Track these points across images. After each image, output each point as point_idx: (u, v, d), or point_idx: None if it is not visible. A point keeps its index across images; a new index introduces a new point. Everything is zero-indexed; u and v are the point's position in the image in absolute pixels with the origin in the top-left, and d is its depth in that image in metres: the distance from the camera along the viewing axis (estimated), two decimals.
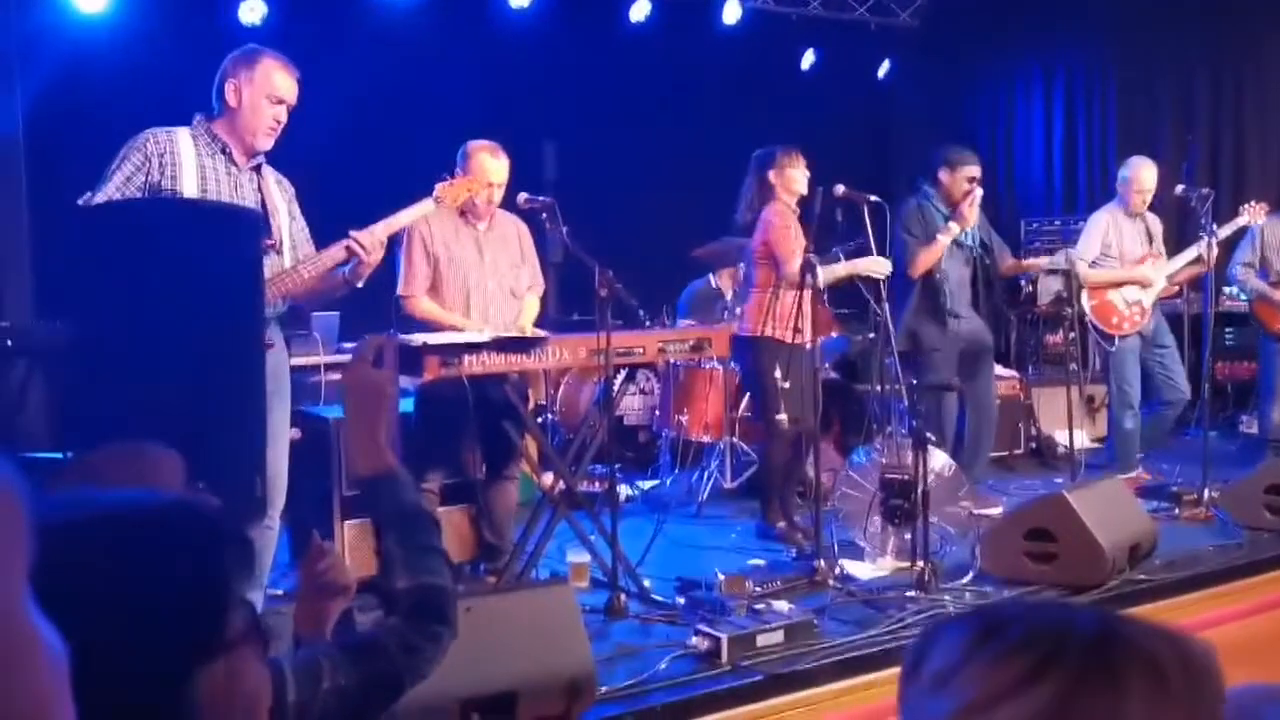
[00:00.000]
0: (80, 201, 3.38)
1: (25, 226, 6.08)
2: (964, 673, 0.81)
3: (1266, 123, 8.63)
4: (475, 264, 4.68)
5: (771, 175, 5.42)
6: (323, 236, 4.61)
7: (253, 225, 3.11)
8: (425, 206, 4.09)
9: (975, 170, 5.91)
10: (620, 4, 8.39)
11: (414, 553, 1.60)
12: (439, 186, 4.16)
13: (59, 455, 3.05)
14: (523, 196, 4.68)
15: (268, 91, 3.58)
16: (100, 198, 3.36)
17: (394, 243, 4.72)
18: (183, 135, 3.54)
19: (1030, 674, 0.79)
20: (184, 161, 3.47)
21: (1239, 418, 7.79)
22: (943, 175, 5.91)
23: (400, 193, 4.16)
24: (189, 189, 3.46)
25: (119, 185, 3.41)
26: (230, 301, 2.86)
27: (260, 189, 3.67)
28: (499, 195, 4.69)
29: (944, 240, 5.75)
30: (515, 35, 8.03)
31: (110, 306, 2.69)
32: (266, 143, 3.63)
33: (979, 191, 5.86)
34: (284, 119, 3.65)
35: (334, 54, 7.36)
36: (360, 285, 3.86)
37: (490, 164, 4.64)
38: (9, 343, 4.43)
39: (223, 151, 3.57)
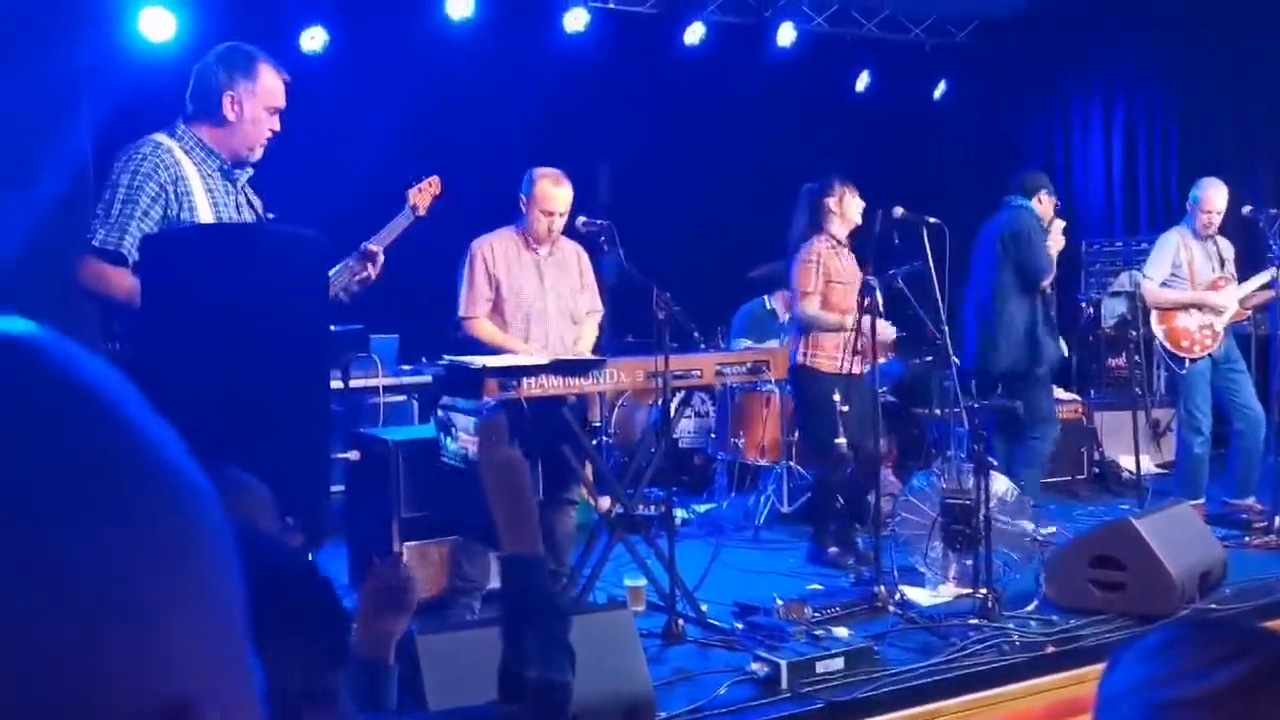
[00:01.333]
0: (95, 242, 3.13)
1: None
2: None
3: None
4: (536, 288, 4.70)
5: (830, 202, 5.42)
6: (386, 256, 4.66)
7: (320, 251, 3.12)
8: (405, 218, 4.00)
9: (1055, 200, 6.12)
10: (675, 28, 8.43)
11: (550, 647, 1.60)
12: (410, 193, 4.09)
13: None
14: (581, 220, 4.71)
15: (269, 103, 3.31)
16: (128, 241, 3.09)
17: (457, 264, 4.78)
18: (179, 155, 3.21)
19: None
20: (194, 188, 3.19)
21: None
22: (1043, 196, 6.02)
23: (459, 212, 4.19)
24: (204, 218, 3.20)
25: (138, 221, 3.10)
26: (297, 326, 2.88)
27: (250, 204, 3.44)
28: (560, 223, 4.70)
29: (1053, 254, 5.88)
30: (572, 59, 8.09)
31: (179, 335, 2.73)
32: (260, 154, 3.36)
33: (1062, 223, 6.01)
34: (278, 127, 3.37)
35: (393, 80, 7.48)
36: (346, 299, 3.68)
37: (553, 191, 4.65)
38: None
39: (220, 169, 3.29)
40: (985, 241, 5.96)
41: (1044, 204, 5.99)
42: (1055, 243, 5.89)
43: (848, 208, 5.42)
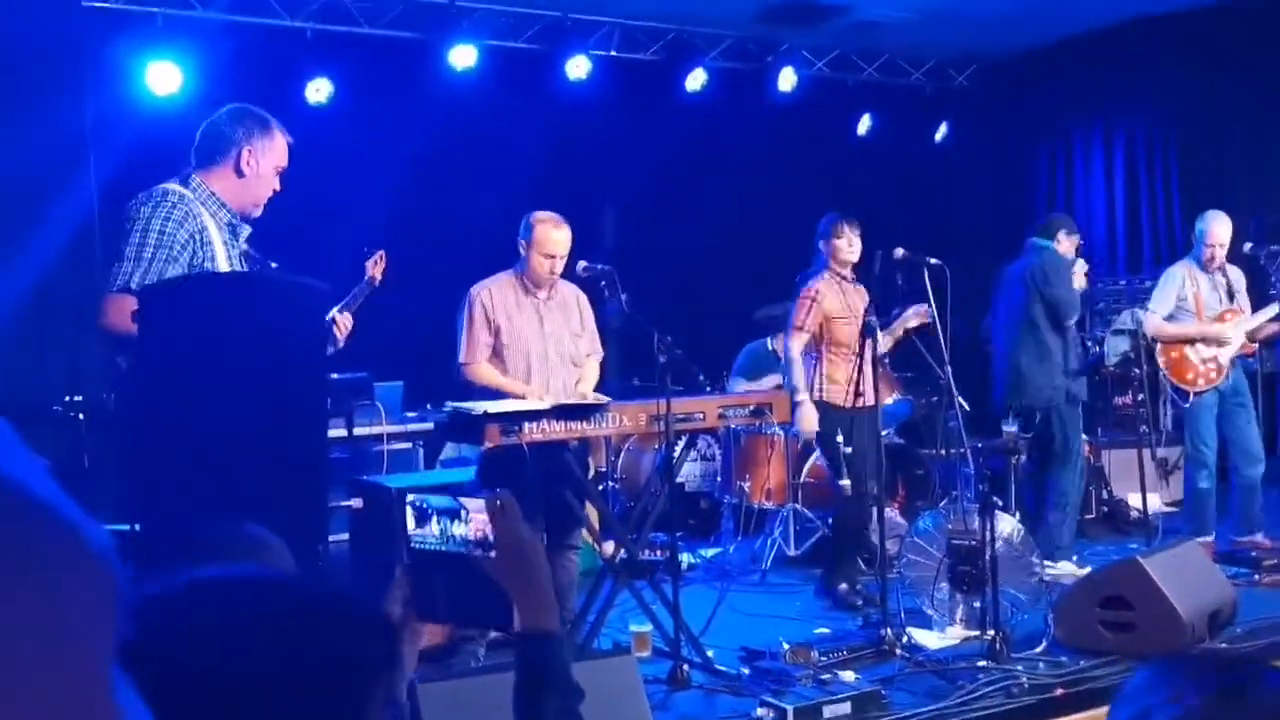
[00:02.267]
0: (120, 280, 3.17)
1: (99, 305, 6.24)
2: None
3: None
4: (536, 332, 4.71)
5: (833, 244, 5.47)
6: (387, 303, 4.70)
7: (320, 299, 3.14)
8: (365, 289, 4.23)
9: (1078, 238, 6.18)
10: (677, 74, 8.51)
11: None
12: (368, 264, 4.34)
13: (125, 528, 3.09)
14: (582, 264, 4.72)
15: (277, 163, 3.41)
16: (153, 278, 3.12)
17: (455, 310, 4.80)
18: (198, 206, 3.27)
19: None
20: (213, 239, 3.26)
21: None
22: (1062, 236, 6.06)
23: (463, 261, 4.22)
24: (222, 270, 3.27)
25: (171, 266, 3.15)
26: (297, 374, 2.89)
27: (248, 257, 3.48)
28: (560, 266, 4.72)
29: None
30: (574, 106, 8.17)
31: (180, 380, 2.74)
32: (260, 211, 3.44)
33: (1083, 262, 6.08)
34: (279, 187, 3.46)
35: (397, 130, 7.55)
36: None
37: (553, 235, 4.68)
38: (80, 416, 4.53)
39: (228, 224, 3.35)
40: (1009, 282, 6.03)
41: (1064, 244, 6.06)
42: (1077, 283, 5.95)
43: (834, 249, 5.48)
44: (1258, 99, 8.60)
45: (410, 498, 1.77)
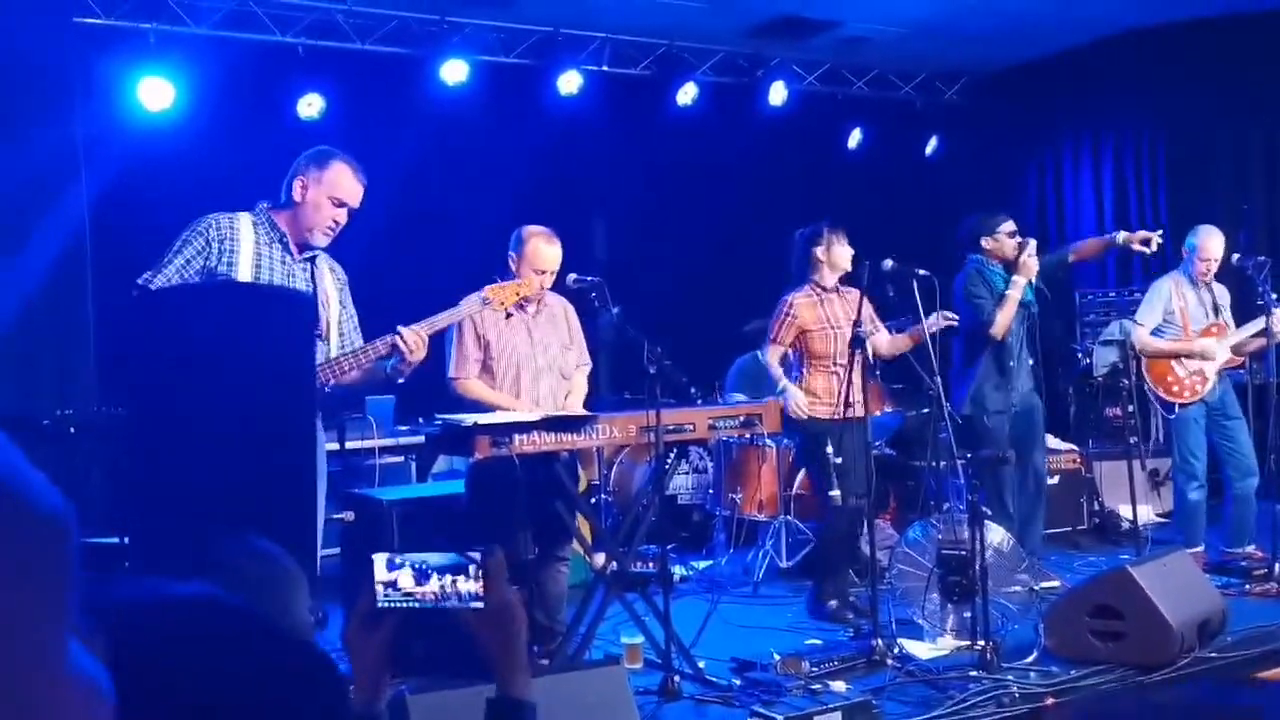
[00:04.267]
0: (140, 281, 3.47)
1: (90, 319, 6.25)
2: None
3: None
4: (525, 346, 4.72)
5: (816, 252, 5.47)
6: (379, 320, 4.70)
7: (304, 308, 3.16)
8: (473, 306, 4.12)
9: (1011, 224, 5.93)
10: (668, 89, 8.54)
11: None
12: (489, 289, 4.16)
13: (115, 540, 3.10)
14: (571, 277, 4.73)
15: (331, 193, 3.66)
16: (160, 280, 3.44)
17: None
18: (244, 221, 3.62)
19: None
20: (242, 248, 3.54)
21: None
22: (985, 243, 5.89)
23: (456, 275, 4.23)
24: (243, 274, 3.52)
25: (179, 269, 3.48)
26: (282, 383, 2.90)
27: (313, 278, 3.72)
28: (550, 282, 4.73)
29: (1014, 294, 5.71)
30: (566, 120, 8.20)
31: (166, 390, 2.75)
32: (323, 241, 3.71)
33: (1032, 241, 5.84)
34: (344, 220, 3.73)
35: (390, 145, 7.57)
36: (402, 381, 3.85)
37: (544, 250, 4.69)
38: (72, 429, 4.54)
39: (279, 241, 3.65)
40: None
41: (996, 244, 5.86)
42: (1025, 270, 5.74)
43: (835, 256, 5.46)
44: (1244, 112, 8.67)
45: (409, 559, 1.72)
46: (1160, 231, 6.14)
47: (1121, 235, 6.15)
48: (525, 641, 1.68)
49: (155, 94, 6.88)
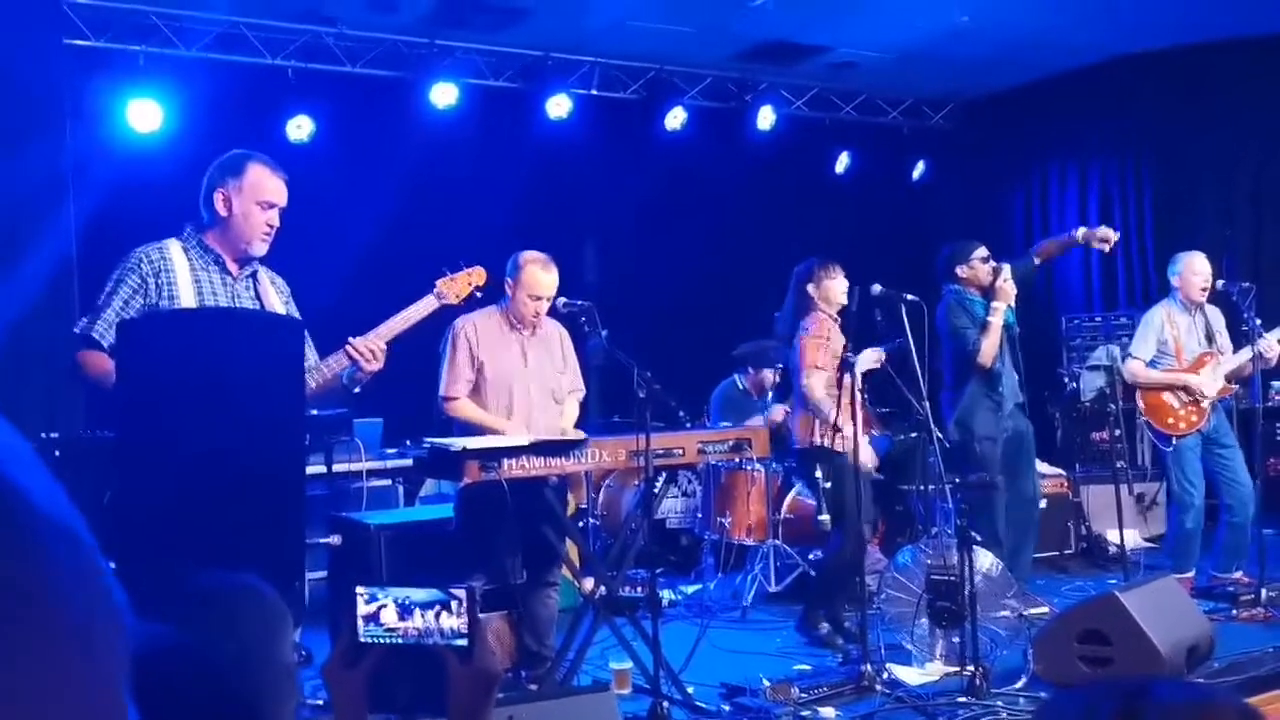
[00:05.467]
0: (77, 330, 3.31)
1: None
2: None
3: None
4: (519, 369, 4.72)
5: (810, 288, 5.44)
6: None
7: (294, 332, 3.15)
8: (427, 304, 3.97)
9: (984, 250, 5.97)
10: (657, 113, 8.58)
11: None
12: (439, 282, 4.06)
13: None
14: (562, 300, 4.74)
15: (256, 197, 3.44)
16: (101, 325, 3.27)
17: (439, 343, 4.78)
18: (174, 249, 3.41)
19: None
20: (179, 277, 3.36)
21: None
22: (961, 271, 5.93)
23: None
24: (187, 303, 3.34)
25: (118, 310, 3.29)
26: (272, 409, 2.89)
27: (258, 295, 3.55)
28: (545, 308, 4.72)
29: (996, 321, 5.75)
30: (555, 144, 8.23)
31: (154, 416, 2.74)
32: (262, 248, 3.49)
33: (1007, 266, 5.88)
34: (277, 223, 3.51)
35: (379, 167, 7.59)
36: (357, 391, 3.71)
37: (541, 277, 4.68)
38: (58, 453, 4.51)
39: (216, 262, 3.45)
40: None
41: (971, 271, 5.90)
42: (1003, 295, 5.79)
43: (827, 291, 5.42)
44: (1228, 138, 8.75)
45: (393, 595, 1.70)
46: (1118, 233, 6.15)
47: (1081, 232, 6.21)
48: (491, 711, 1.66)
49: (144, 116, 6.88)
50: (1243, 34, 8.25)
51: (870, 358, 5.26)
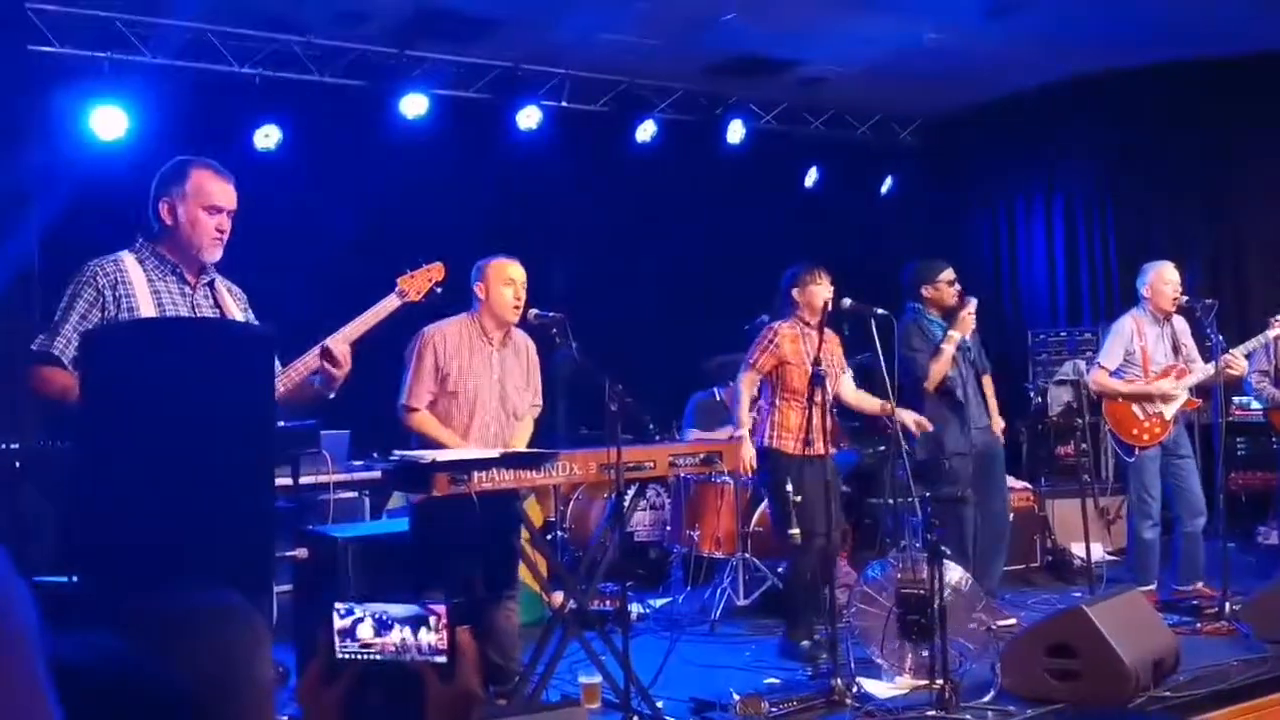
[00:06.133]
0: (34, 347, 3.24)
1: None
2: None
3: (1265, 231, 8.73)
4: (486, 380, 4.67)
5: (795, 292, 5.50)
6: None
7: (265, 343, 3.11)
8: (389, 303, 3.92)
9: (951, 273, 6.03)
10: (627, 125, 8.59)
11: None
12: (400, 280, 4.03)
13: (64, 579, 3.02)
14: (533, 312, 4.71)
15: (202, 203, 3.36)
16: (59, 342, 3.20)
17: (403, 350, 4.73)
18: (128, 260, 3.34)
19: None
20: (136, 289, 3.29)
21: (1256, 529, 7.69)
22: (926, 291, 5.99)
23: (415, 309, 4.16)
24: (147, 315, 3.26)
25: (75, 325, 3.22)
26: (241, 420, 2.85)
27: (217, 304, 3.48)
28: (523, 295, 4.69)
29: (949, 349, 5.79)
30: (525, 156, 8.21)
31: (122, 428, 2.69)
32: (214, 254, 3.42)
33: (974, 300, 5.93)
34: (227, 227, 3.42)
35: (347, 177, 7.54)
36: (332, 396, 3.67)
37: (509, 269, 4.69)
38: (17, 464, 4.43)
39: (173, 272, 3.38)
40: None
41: (936, 292, 5.96)
42: (963, 326, 5.86)
43: (810, 296, 5.48)
44: (1190, 155, 8.87)
45: (367, 611, 1.66)
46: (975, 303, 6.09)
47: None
48: None
49: (108, 123, 6.80)
50: (1202, 54, 8.38)
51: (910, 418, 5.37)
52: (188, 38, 7.12)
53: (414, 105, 7.66)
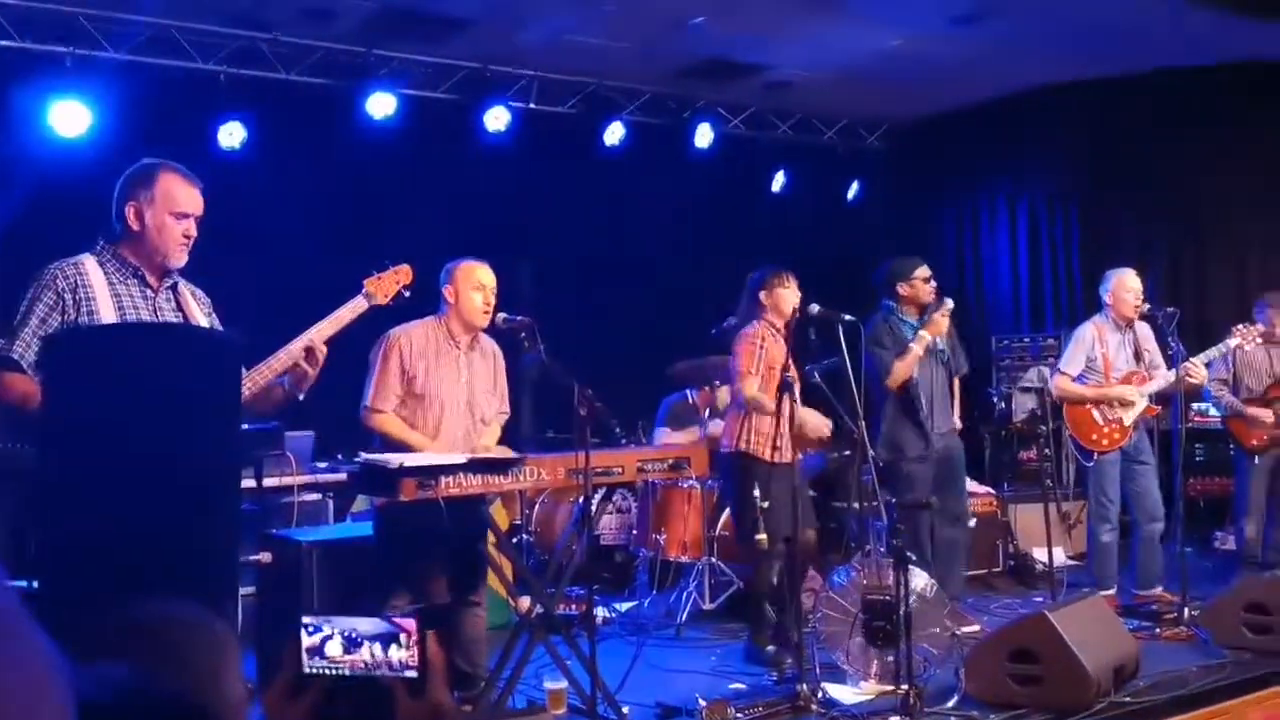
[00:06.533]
0: None
1: None
2: None
3: (1226, 240, 8.86)
4: (453, 383, 4.63)
5: (762, 295, 5.49)
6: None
7: (232, 349, 3.07)
8: (356, 305, 3.90)
9: (926, 270, 6.04)
10: (595, 127, 8.58)
11: None
12: (367, 282, 4.00)
13: (23, 584, 2.97)
14: (501, 317, 4.68)
15: (170, 208, 3.31)
16: (19, 346, 3.15)
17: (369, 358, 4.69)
18: (89, 263, 3.28)
19: None
20: (97, 293, 3.23)
21: (1213, 534, 7.80)
22: (901, 289, 6.00)
23: (380, 311, 4.13)
24: (108, 320, 3.21)
25: (35, 330, 3.16)
26: (206, 427, 2.81)
27: (180, 307, 3.43)
28: (492, 299, 4.65)
29: (917, 349, 5.80)
30: (493, 155, 8.17)
31: (85, 434, 2.65)
32: (180, 260, 3.37)
33: (950, 302, 5.95)
34: (194, 232, 3.37)
35: (313, 177, 7.47)
36: (301, 398, 3.63)
37: (478, 271, 4.65)
38: None
39: (135, 275, 3.32)
40: None
41: (912, 289, 5.97)
42: (934, 328, 5.86)
43: (778, 300, 5.46)
44: (1152, 166, 8.98)
45: (337, 627, 1.63)
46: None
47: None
48: None
49: (70, 119, 6.69)
50: (1161, 66, 8.49)
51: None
52: (151, 33, 7.03)
53: (381, 105, 7.60)
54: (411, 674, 1.58)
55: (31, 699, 0.49)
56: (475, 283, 4.60)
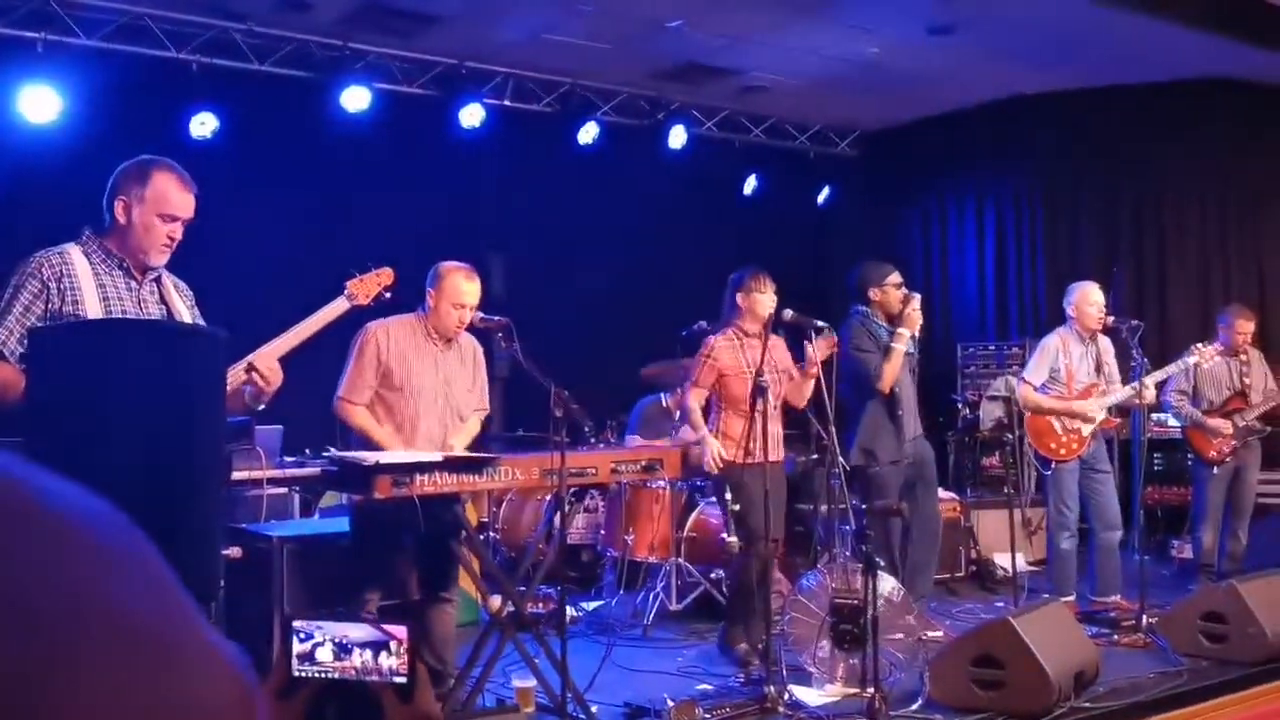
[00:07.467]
0: None
1: None
2: None
3: (1189, 251, 9.01)
4: (431, 380, 4.62)
5: (739, 297, 5.51)
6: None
7: (216, 346, 3.06)
8: (338, 305, 3.89)
9: (898, 276, 6.09)
10: (570, 127, 8.59)
11: None
12: (349, 283, 3.98)
13: None
14: (479, 315, 4.67)
15: (159, 209, 3.29)
16: (1, 334, 3.11)
17: (341, 352, 4.67)
18: (75, 253, 3.26)
19: None
20: (82, 283, 3.21)
21: (1171, 542, 7.93)
22: (873, 294, 6.03)
23: (359, 313, 4.12)
24: (92, 310, 3.20)
25: (18, 318, 3.14)
26: (191, 423, 2.81)
27: (163, 300, 3.41)
28: (469, 318, 4.63)
29: (900, 347, 5.85)
30: (467, 152, 8.16)
31: (69, 427, 2.63)
32: (161, 259, 3.35)
33: (918, 296, 6.00)
34: (179, 235, 3.36)
35: (287, 169, 7.43)
36: (261, 408, 3.61)
37: (464, 286, 4.61)
38: None
39: (120, 267, 3.31)
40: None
41: (883, 295, 6.01)
42: (909, 323, 5.89)
43: (754, 302, 5.48)
44: (1116, 178, 9.12)
45: (326, 634, 1.64)
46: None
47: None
48: None
49: (40, 105, 6.62)
50: (1126, 81, 8.63)
51: None
52: (124, 20, 6.96)
53: (355, 98, 7.57)
54: (401, 680, 1.59)
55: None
56: (457, 300, 4.57)
